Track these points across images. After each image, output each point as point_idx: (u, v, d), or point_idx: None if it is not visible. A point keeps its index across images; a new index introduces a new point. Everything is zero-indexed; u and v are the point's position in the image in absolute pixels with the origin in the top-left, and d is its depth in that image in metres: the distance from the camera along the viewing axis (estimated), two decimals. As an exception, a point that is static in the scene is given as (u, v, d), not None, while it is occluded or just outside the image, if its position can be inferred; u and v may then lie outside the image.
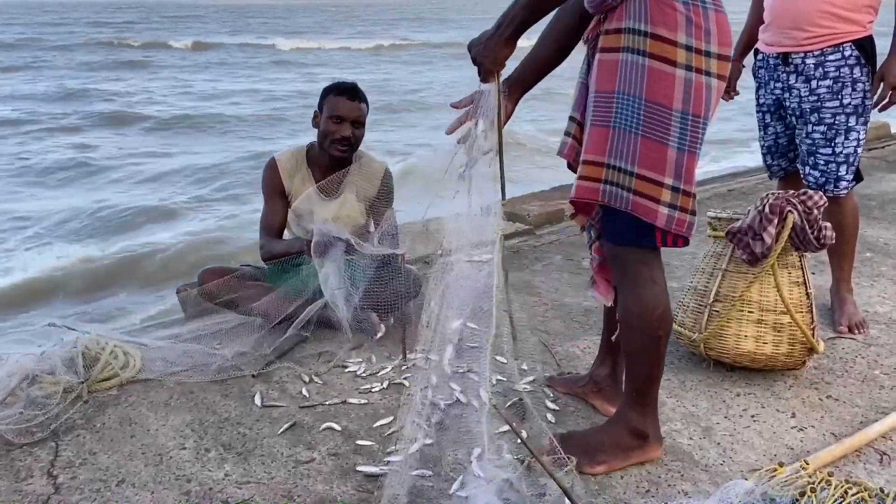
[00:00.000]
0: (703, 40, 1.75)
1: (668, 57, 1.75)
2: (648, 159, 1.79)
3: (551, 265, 3.57)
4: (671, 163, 1.78)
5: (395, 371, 2.54)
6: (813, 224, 2.32)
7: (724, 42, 1.78)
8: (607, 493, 1.87)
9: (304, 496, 1.87)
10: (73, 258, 6.41)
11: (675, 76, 1.75)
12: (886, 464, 2.00)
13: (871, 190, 4.80)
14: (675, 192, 1.80)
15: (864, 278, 3.35)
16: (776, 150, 3.00)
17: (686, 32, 1.74)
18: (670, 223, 1.81)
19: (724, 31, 1.78)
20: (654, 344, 1.91)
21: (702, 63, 1.75)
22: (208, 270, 2.96)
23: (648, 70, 1.76)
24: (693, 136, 1.78)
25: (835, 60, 2.66)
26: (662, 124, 1.77)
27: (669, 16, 1.74)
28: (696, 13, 1.74)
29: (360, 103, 2.89)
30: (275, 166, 2.97)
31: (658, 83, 1.76)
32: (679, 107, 1.76)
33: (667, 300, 1.90)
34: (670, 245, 1.86)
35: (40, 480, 1.94)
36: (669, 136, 1.77)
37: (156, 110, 15.67)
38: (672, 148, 1.78)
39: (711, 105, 1.80)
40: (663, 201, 1.80)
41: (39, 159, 11.01)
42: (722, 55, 1.78)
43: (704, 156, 1.90)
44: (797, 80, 2.75)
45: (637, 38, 1.77)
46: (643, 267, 1.88)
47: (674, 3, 1.74)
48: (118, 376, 2.42)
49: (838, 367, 2.56)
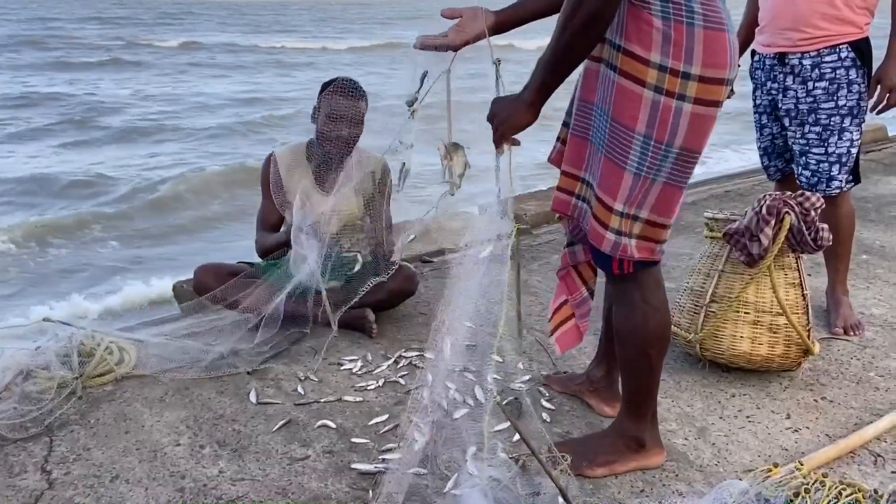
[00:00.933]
0: (681, 60, 1.60)
1: (638, 76, 1.63)
2: (606, 181, 1.72)
3: (548, 264, 3.57)
4: (625, 188, 1.69)
5: (391, 369, 2.53)
6: (810, 225, 2.32)
7: (713, 63, 1.61)
8: (602, 492, 1.87)
9: (298, 493, 1.87)
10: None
11: (641, 97, 1.63)
12: (880, 465, 2.00)
13: (867, 192, 4.81)
14: (622, 218, 1.72)
15: (860, 280, 3.36)
16: (773, 151, 3.01)
17: (661, 51, 1.60)
18: (615, 250, 1.75)
19: (713, 50, 1.61)
20: (647, 360, 1.88)
21: (675, 85, 1.61)
22: (204, 267, 2.96)
23: (617, 88, 1.66)
24: (653, 161, 1.67)
25: (831, 62, 2.67)
26: (623, 146, 1.68)
27: (644, 32, 1.61)
28: (676, 30, 1.59)
29: (357, 101, 2.86)
30: (273, 162, 2.97)
31: (625, 103, 1.65)
32: (642, 129, 1.65)
33: (661, 319, 1.86)
34: (625, 272, 1.79)
35: (34, 475, 1.94)
36: (628, 160, 1.68)
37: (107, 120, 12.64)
38: (630, 172, 1.68)
39: (679, 131, 1.65)
40: (611, 227, 1.73)
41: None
42: (707, 77, 1.62)
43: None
44: (794, 82, 2.75)
45: (612, 51, 1.67)
46: (633, 287, 1.83)
47: (651, 17, 1.60)
48: (113, 372, 2.41)
49: (833, 368, 2.56)
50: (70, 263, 6.05)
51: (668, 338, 1.91)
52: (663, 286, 1.88)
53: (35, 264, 6.03)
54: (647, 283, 1.83)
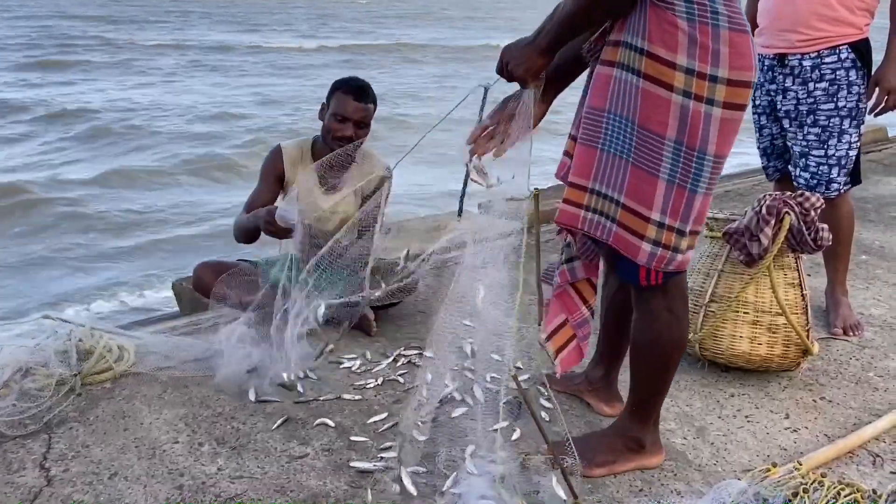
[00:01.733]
0: (708, 63, 1.56)
1: (665, 80, 1.58)
2: (637, 190, 1.66)
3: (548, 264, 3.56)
4: (660, 196, 1.64)
5: (390, 368, 2.53)
6: (810, 225, 2.33)
7: (740, 65, 1.57)
8: (601, 492, 1.87)
9: (297, 491, 1.87)
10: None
11: (670, 102, 1.58)
12: (879, 465, 2.01)
13: (867, 193, 4.81)
14: (660, 229, 1.67)
15: (860, 281, 3.36)
16: (772, 152, 3.01)
17: (688, 54, 1.56)
18: (651, 260, 1.70)
19: (740, 52, 1.57)
20: (663, 370, 1.86)
21: (703, 89, 1.57)
22: (204, 265, 2.95)
23: (642, 93, 1.61)
24: (686, 168, 1.62)
25: (831, 63, 2.66)
26: (654, 154, 1.63)
27: (670, 34, 1.56)
28: (702, 32, 1.55)
29: (366, 104, 2.84)
30: (279, 153, 2.96)
31: (652, 108, 1.60)
32: (673, 135, 1.60)
33: (682, 329, 1.83)
34: (653, 283, 1.76)
35: (33, 472, 1.94)
36: (661, 168, 1.63)
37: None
38: (662, 180, 1.63)
39: (711, 137, 1.61)
40: (647, 237, 1.68)
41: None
42: (735, 80, 1.58)
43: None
44: (793, 83, 2.75)
45: (633, 54, 1.62)
46: (659, 296, 1.78)
47: (676, 19, 1.55)
48: (112, 369, 2.41)
49: (832, 368, 2.56)
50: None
51: (685, 347, 1.89)
52: (687, 295, 1.85)
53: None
54: (675, 293, 1.80)
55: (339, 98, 2.83)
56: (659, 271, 1.73)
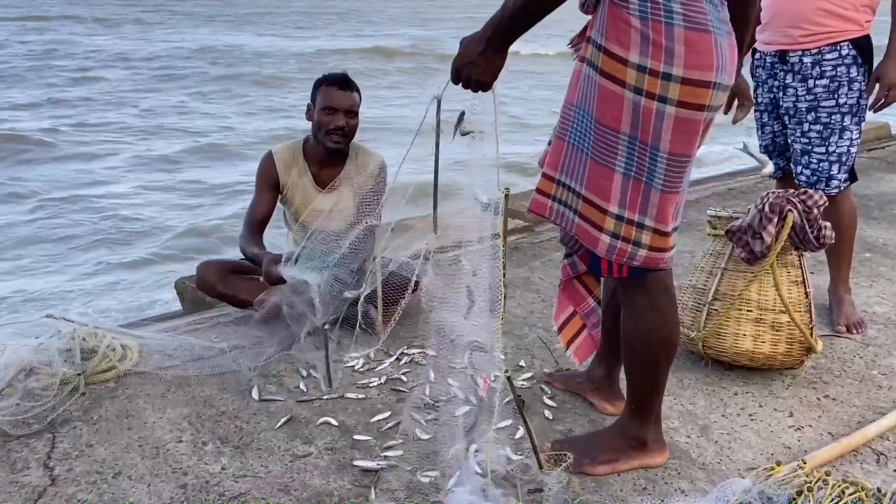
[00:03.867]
0: (661, 61, 1.56)
1: (618, 76, 1.60)
2: (595, 183, 1.69)
3: (550, 262, 3.57)
4: (617, 189, 1.67)
5: (393, 366, 2.53)
6: (813, 223, 2.32)
7: (696, 64, 1.56)
8: (604, 490, 1.87)
9: (300, 490, 1.87)
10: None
11: (623, 98, 1.60)
12: (883, 464, 2.00)
13: (870, 190, 4.80)
14: (618, 221, 1.70)
15: (863, 278, 3.35)
16: (773, 149, 3.00)
17: (640, 51, 1.57)
18: (611, 252, 1.72)
19: (697, 51, 1.56)
20: (654, 366, 1.87)
21: (655, 86, 1.57)
22: (206, 263, 2.95)
23: (599, 88, 1.63)
24: (640, 163, 1.64)
25: (832, 59, 2.66)
26: (610, 148, 1.65)
27: (623, 31, 1.58)
28: (655, 29, 1.55)
29: (351, 92, 2.87)
30: (271, 160, 2.96)
31: (607, 104, 1.62)
32: (627, 130, 1.62)
33: (670, 325, 1.84)
34: (616, 276, 1.77)
35: (37, 472, 1.94)
36: (616, 161, 1.65)
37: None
38: (619, 173, 1.66)
39: (664, 135, 1.61)
40: (606, 229, 1.71)
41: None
42: (691, 79, 1.57)
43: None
44: (794, 80, 2.74)
45: (594, 51, 1.64)
46: (641, 293, 1.81)
47: (629, 17, 1.57)
48: (115, 368, 2.41)
49: (836, 366, 2.56)
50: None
51: (676, 343, 1.89)
52: (673, 291, 1.85)
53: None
54: (655, 289, 1.81)
55: (324, 91, 2.85)
56: (623, 265, 1.75)
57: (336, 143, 2.87)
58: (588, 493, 1.85)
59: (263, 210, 2.94)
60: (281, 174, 2.95)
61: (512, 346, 2.66)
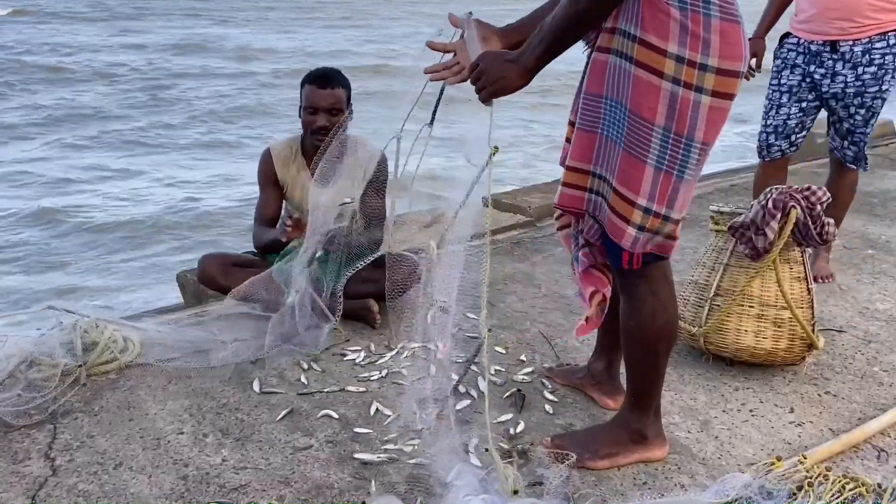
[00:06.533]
0: (698, 52, 1.58)
1: (656, 67, 1.60)
2: (626, 175, 1.68)
3: (551, 257, 3.56)
4: (647, 182, 1.67)
5: (394, 360, 2.53)
6: (816, 220, 2.32)
7: (729, 55, 1.60)
8: (604, 484, 1.87)
9: (300, 482, 1.88)
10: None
11: (660, 88, 1.61)
12: (884, 460, 2.00)
13: (873, 187, 4.78)
14: (645, 214, 1.69)
15: (866, 275, 3.34)
16: (782, 132, 3.17)
17: (679, 42, 1.58)
18: (635, 244, 1.73)
19: (730, 42, 1.59)
20: (654, 356, 1.87)
21: (693, 77, 1.59)
22: (209, 256, 2.95)
23: (634, 79, 1.63)
24: (673, 155, 1.65)
25: (881, 48, 2.90)
26: (643, 139, 1.65)
27: (662, 22, 1.58)
28: (694, 20, 1.57)
29: (332, 89, 2.82)
30: (269, 156, 2.96)
31: (642, 95, 1.62)
32: (661, 122, 1.62)
33: (669, 313, 1.84)
34: (635, 268, 1.77)
35: (38, 462, 1.95)
36: (648, 154, 1.65)
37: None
38: (650, 166, 1.66)
39: (699, 124, 1.63)
40: (633, 222, 1.70)
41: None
42: (724, 69, 1.60)
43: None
44: (844, 67, 2.95)
45: (626, 41, 1.64)
46: (642, 281, 1.81)
47: (668, 7, 1.58)
48: (117, 360, 2.41)
49: (837, 363, 2.56)
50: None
51: (675, 335, 1.89)
52: (672, 281, 1.86)
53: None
54: (656, 277, 1.82)
55: (306, 91, 2.84)
56: (639, 255, 1.76)
57: (320, 142, 2.83)
58: (588, 487, 1.85)
59: (272, 206, 2.96)
60: (279, 171, 2.94)
61: (513, 341, 2.66)
